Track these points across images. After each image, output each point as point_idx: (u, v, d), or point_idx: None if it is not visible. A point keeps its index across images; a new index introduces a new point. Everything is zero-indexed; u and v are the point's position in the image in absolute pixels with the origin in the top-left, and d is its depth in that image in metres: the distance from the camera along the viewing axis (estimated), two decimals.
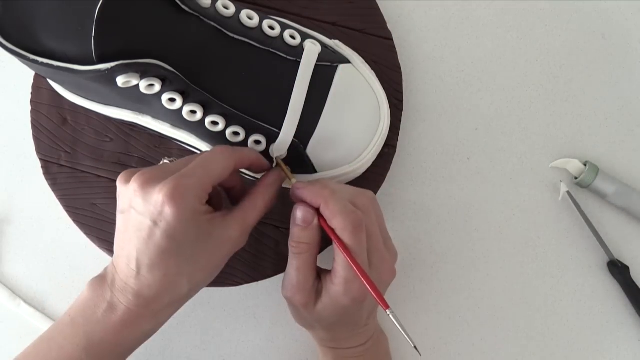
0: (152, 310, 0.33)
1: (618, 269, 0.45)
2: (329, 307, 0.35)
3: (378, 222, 0.35)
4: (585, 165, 0.45)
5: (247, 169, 0.36)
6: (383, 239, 0.36)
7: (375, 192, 0.43)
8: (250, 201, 0.35)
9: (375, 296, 0.32)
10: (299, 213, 0.35)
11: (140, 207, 0.31)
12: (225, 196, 0.38)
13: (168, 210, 0.30)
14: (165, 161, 0.38)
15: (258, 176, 0.42)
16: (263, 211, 0.35)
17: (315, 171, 0.40)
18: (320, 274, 0.36)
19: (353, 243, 0.33)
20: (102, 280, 0.34)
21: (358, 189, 0.36)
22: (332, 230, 0.33)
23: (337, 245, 0.33)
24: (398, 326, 0.31)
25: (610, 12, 0.48)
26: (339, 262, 0.34)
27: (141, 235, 0.31)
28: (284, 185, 0.38)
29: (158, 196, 0.30)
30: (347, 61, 0.40)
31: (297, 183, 0.36)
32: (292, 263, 0.35)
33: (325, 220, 0.34)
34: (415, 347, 0.31)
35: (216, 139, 0.38)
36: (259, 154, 0.36)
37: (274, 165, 0.38)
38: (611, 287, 0.46)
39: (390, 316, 0.31)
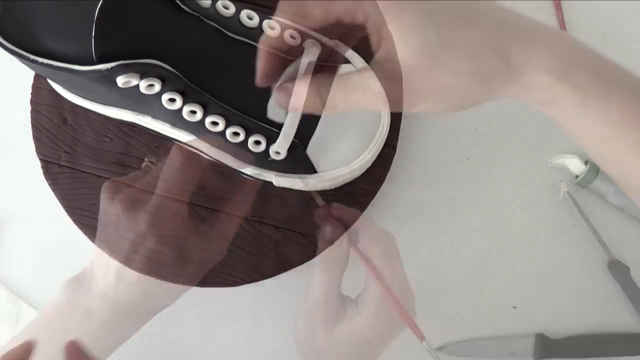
0: (130, 319, 0.33)
1: (618, 269, 0.45)
2: (348, 336, 0.33)
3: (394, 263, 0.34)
4: (585, 164, 0.45)
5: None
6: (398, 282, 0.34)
7: (375, 192, 0.43)
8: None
9: (409, 326, 0.32)
10: (328, 230, 0.34)
11: (124, 230, 0.31)
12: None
13: (150, 240, 0.31)
14: (147, 162, 0.38)
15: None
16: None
17: (315, 171, 0.40)
18: (344, 300, 0.34)
19: (387, 272, 0.32)
20: (78, 285, 0.33)
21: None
22: (365, 256, 0.33)
23: (370, 273, 0.32)
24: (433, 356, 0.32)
25: (610, 12, 0.48)
26: (370, 292, 0.32)
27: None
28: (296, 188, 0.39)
29: (141, 226, 0.31)
30: (347, 61, 0.40)
31: (335, 204, 0.35)
32: (318, 278, 0.33)
33: (355, 245, 0.33)
34: None
35: (216, 139, 0.38)
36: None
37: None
38: (611, 287, 0.46)
39: (426, 347, 0.32)
